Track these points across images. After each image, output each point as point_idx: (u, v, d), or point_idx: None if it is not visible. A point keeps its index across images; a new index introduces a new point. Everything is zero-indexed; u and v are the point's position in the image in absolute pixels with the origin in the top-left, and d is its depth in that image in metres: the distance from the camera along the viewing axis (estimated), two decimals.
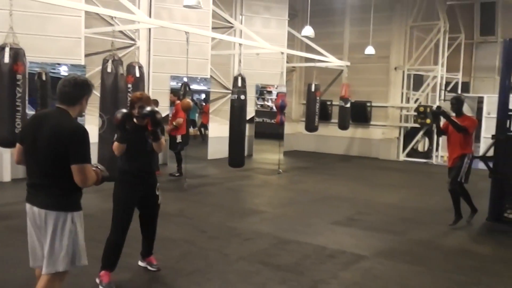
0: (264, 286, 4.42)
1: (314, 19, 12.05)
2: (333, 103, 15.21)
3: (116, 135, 4.12)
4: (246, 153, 10.90)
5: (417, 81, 15.01)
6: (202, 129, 17.20)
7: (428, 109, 13.33)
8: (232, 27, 12.91)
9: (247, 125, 10.83)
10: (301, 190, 9.49)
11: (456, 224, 6.73)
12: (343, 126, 14.17)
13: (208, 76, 12.02)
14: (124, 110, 4.22)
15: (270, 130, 15.31)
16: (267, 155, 13.52)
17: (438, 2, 14.24)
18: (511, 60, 7.05)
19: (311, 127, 13.67)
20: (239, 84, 9.44)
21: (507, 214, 7.26)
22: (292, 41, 14.77)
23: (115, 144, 4.12)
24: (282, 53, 11.97)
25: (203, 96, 20.47)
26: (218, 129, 12.16)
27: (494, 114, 9.12)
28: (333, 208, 7.85)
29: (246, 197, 9.03)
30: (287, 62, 14.18)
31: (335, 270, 4.91)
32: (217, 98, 13.19)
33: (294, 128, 15.85)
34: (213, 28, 11.58)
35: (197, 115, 17.79)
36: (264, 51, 11.63)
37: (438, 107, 7.04)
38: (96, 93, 7.33)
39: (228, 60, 13.27)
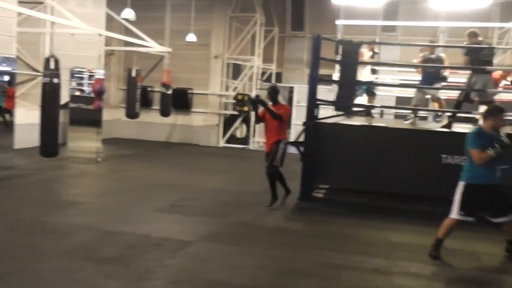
0: (86, 282, 4.14)
1: (134, 1, 11.64)
2: (155, 89, 14.97)
3: None
4: (60, 141, 10.07)
5: (236, 70, 15.68)
6: (7, 115, 15.44)
7: (246, 97, 14.02)
8: (42, 2, 11.70)
9: (61, 111, 10.00)
10: (122, 179, 9.16)
11: (273, 205, 7.23)
12: (164, 112, 14.07)
13: (13, 56, 10.72)
14: None
15: (87, 117, 14.38)
16: (84, 143, 12.68)
17: None
18: (318, 54, 7.79)
19: (132, 113, 13.26)
20: (52, 66, 8.63)
21: (315, 193, 8.09)
22: (111, 23, 14.06)
23: None
24: (100, 35, 11.30)
25: (6, 78, 18.32)
26: (27, 115, 10.99)
27: (303, 103, 10.04)
28: (156, 196, 7.75)
29: (62, 188, 8.36)
30: (105, 45, 13.46)
31: (162, 258, 4.86)
32: (25, 81, 11.89)
33: (113, 114, 15.18)
34: (19, 2, 10.33)
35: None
36: (80, 31, 10.82)
37: (257, 96, 7.41)
38: None
39: (37, 39, 12.02)
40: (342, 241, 5.83)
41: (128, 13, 11.08)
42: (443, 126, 8.17)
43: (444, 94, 10.14)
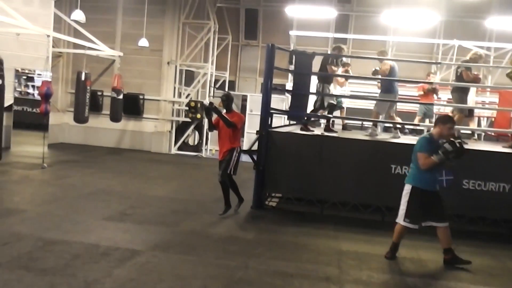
0: None
1: (84, 3, 11.36)
2: (105, 93, 14.60)
3: None
4: (3, 145, 9.61)
5: (189, 77, 15.55)
6: None
7: (199, 105, 13.93)
8: None
9: (4, 114, 9.56)
10: (69, 186, 8.82)
11: (226, 213, 7.17)
12: (115, 118, 13.73)
13: None
14: None
15: (33, 120, 13.87)
16: (28, 148, 12.20)
17: (208, 2, 14.97)
18: (272, 63, 7.83)
19: (80, 118, 12.83)
20: None
21: (267, 202, 8.09)
22: (59, 24, 13.63)
23: None
24: (48, 35, 10.90)
25: None
26: None
27: (256, 111, 10.11)
28: (104, 203, 7.51)
29: (4, 195, 7.93)
30: (53, 47, 13.01)
31: (109, 268, 4.69)
32: None
33: (60, 118, 14.68)
34: None
35: None
36: (26, 31, 10.41)
37: (211, 103, 7.35)
38: None
39: None
40: (294, 250, 5.84)
41: (78, 15, 10.75)
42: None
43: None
